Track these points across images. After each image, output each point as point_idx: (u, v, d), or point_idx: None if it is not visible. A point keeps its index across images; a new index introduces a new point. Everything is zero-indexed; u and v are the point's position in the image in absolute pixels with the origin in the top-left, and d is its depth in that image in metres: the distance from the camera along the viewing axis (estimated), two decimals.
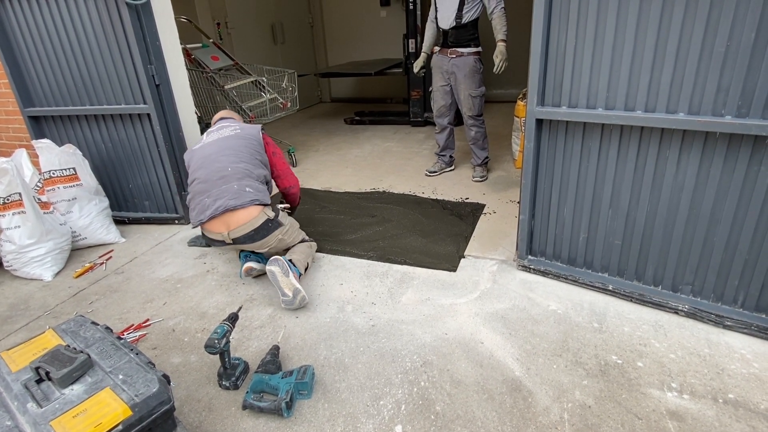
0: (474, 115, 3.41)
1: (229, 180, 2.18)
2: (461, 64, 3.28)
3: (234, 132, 2.35)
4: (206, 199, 2.17)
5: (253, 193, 2.17)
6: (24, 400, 1.24)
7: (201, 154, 2.30)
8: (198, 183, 2.23)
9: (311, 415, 1.58)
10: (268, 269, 2.09)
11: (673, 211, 1.86)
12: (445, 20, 3.24)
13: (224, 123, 2.49)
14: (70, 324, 1.56)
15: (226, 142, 2.30)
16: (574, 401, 1.58)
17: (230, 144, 2.29)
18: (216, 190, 2.17)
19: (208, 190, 2.19)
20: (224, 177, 2.18)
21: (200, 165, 2.26)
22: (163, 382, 1.30)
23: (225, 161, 2.23)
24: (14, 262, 2.56)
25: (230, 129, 2.37)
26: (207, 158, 2.26)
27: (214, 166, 2.22)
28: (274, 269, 2.08)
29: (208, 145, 2.33)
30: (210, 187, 2.18)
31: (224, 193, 2.15)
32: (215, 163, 2.22)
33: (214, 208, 2.14)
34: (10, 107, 3.30)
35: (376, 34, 6.77)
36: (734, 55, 1.55)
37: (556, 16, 1.86)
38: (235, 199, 2.13)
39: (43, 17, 2.82)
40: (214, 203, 2.14)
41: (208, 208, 2.15)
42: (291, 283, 2.06)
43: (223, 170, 2.20)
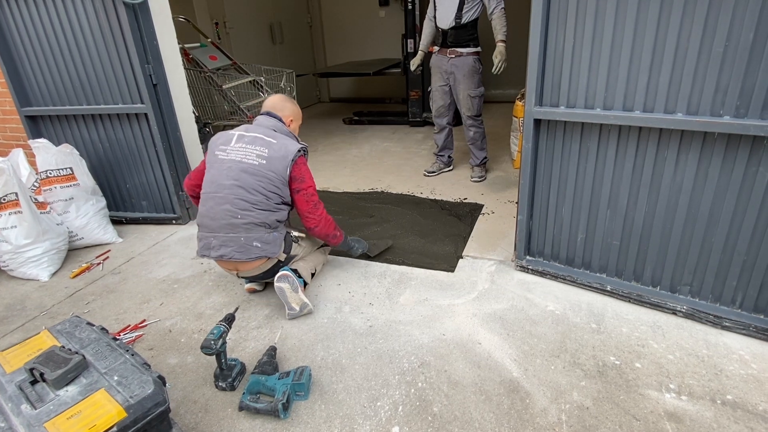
0: (473, 115, 3.41)
1: (237, 230, 1.99)
2: (460, 64, 3.27)
3: (258, 161, 2.00)
4: (212, 240, 2.03)
5: (260, 249, 2.01)
6: (18, 401, 1.23)
7: (217, 175, 2.02)
8: (205, 214, 2.05)
9: (308, 416, 1.58)
10: (277, 286, 2.01)
11: (672, 211, 1.85)
12: (445, 20, 3.23)
13: (264, 125, 2.11)
14: (65, 325, 1.56)
15: (243, 178, 1.98)
16: (572, 402, 1.57)
17: (246, 183, 1.98)
18: (222, 235, 2.01)
19: (214, 230, 2.02)
20: (232, 225, 1.99)
21: (212, 191, 2.02)
22: (159, 383, 1.29)
23: (235, 206, 1.98)
24: (11, 262, 2.55)
25: (257, 151, 2.01)
26: (220, 189, 2.00)
27: (224, 207, 1.98)
28: (283, 287, 2.01)
29: (227, 165, 2.01)
30: (216, 229, 2.02)
31: (230, 242, 2.00)
32: (225, 204, 1.98)
33: (220, 253, 2.02)
34: (7, 107, 3.28)
35: (374, 34, 6.77)
36: (733, 55, 1.55)
37: (554, 16, 1.85)
38: (241, 253, 2.00)
39: (40, 17, 2.81)
40: (219, 248, 2.02)
41: (214, 249, 2.03)
42: (299, 298, 2.03)
43: (232, 217, 1.98)
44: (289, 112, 2.21)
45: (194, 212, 3.21)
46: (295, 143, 2.08)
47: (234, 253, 2.00)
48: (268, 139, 2.04)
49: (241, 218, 1.98)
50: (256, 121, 2.15)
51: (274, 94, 2.42)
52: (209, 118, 4.20)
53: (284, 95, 2.30)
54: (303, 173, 2.07)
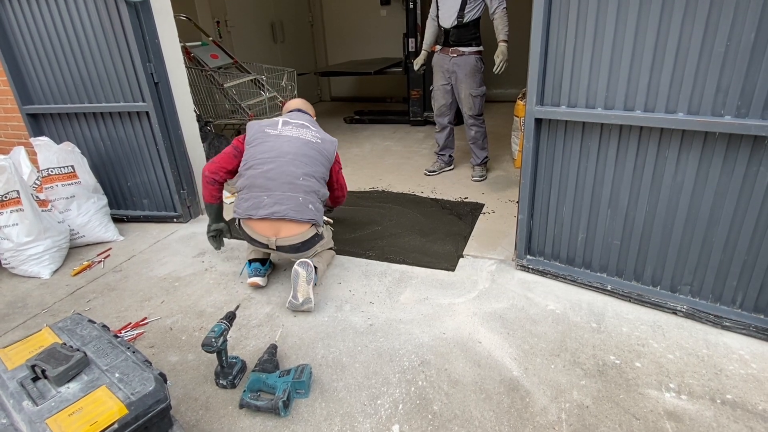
0: (474, 114, 3.41)
1: (297, 190, 2.11)
2: (462, 63, 3.27)
3: (315, 140, 2.24)
4: (265, 198, 2.09)
5: (313, 212, 2.14)
6: (20, 398, 1.24)
7: (277, 144, 2.17)
8: (261, 175, 2.11)
9: (308, 414, 1.58)
10: (296, 269, 2.04)
11: (672, 211, 1.85)
12: (447, 19, 3.23)
13: (302, 119, 2.33)
14: (66, 322, 1.56)
15: (306, 149, 2.19)
16: (572, 401, 1.58)
17: (309, 153, 2.19)
18: (280, 193, 2.09)
19: (270, 189, 2.09)
20: (293, 185, 2.11)
21: (272, 156, 2.13)
22: (160, 380, 1.30)
23: (299, 170, 2.14)
24: (12, 260, 2.56)
25: (311, 133, 2.25)
26: (282, 155, 2.14)
27: (287, 168, 2.12)
28: (300, 272, 2.04)
29: (286, 139, 2.19)
30: (274, 188, 2.09)
31: (288, 200, 2.09)
32: (289, 166, 2.12)
33: (272, 210, 2.07)
34: (9, 105, 3.29)
35: (376, 33, 6.76)
36: (734, 55, 1.55)
37: (556, 16, 1.86)
38: (296, 212, 2.09)
39: (42, 15, 2.81)
40: (273, 206, 2.07)
41: (264, 207, 2.08)
42: (308, 291, 2.05)
43: (294, 178, 2.12)
44: (313, 113, 2.56)
45: (195, 211, 3.22)
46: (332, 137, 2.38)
47: (289, 211, 2.09)
48: (313, 129, 2.30)
49: (302, 180, 2.14)
50: (291, 115, 2.36)
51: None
52: (210, 117, 4.20)
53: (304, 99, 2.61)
54: (339, 159, 2.46)
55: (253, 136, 2.21)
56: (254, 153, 2.17)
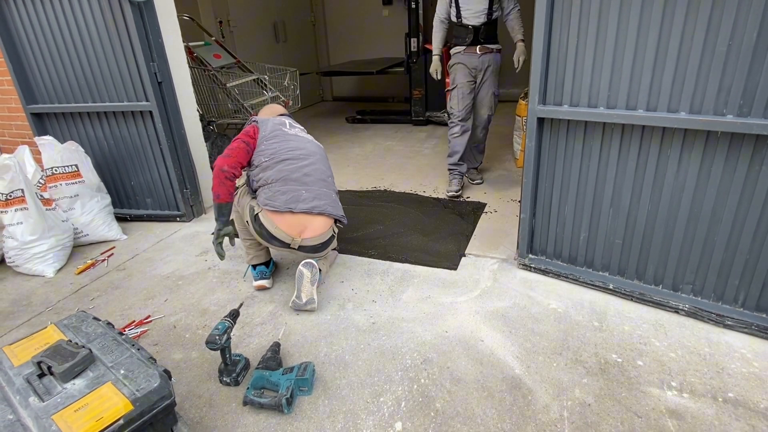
0: (490, 115, 3.38)
1: (330, 187, 2.22)
2: (491, 61, 3.23)
3: (317, 146, 2.33)
4: (304, 192, 2.08)
5: (340, 209, 2.23)
6: (26, 394, 1.25)
7: (302, 144, 2.22)
8: (298, 170, 2.12)
9: (311, 411, 1.59)
10: (300, 270, 2.05)
11: (674, 210, 1.86)
12: (476, 17, 3.14)
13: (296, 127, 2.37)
14: (71, 319, 1.57)
15: (321, 152, 2.30)
16: (574, 399, 1.58)
17: (324, 156, 2.32)
18: (317, 188, 2.13)
19: (308, 184, 2.11)
20: (326, 182, 2.20)
21: (304, 154, 2.17)
22: (164, 377, 1.31)
23: (328, 170, 2.27)
24: (16, 258, 2.57)
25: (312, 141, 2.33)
26: (311, 153, 2.21)
27: (319, 166, 2.20)
28: (305, 273, 2.04)
29: (306, 140, 2.28)
30: (311, 183, 2.13)
31: (324, 196, 2.14)
32: (320, 164, 2.22)
33: (312, 205, 2.07)
34: (13, 104, 3.31)
35: (378, 33, 6.77)
36: (736, 54, 1.55)
37: (558, 15, 1.86)
38: (333, 208, 2.17)
39: (47, 15, 2.83)
40: (312, 200, 2.08)
41: (305, 201, 2.07)
42: (311, 291, 2.06)
43: (326, 176, 2.23)
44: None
45: (198, 210, 3.23)
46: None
47: (327, 207, 2.14)
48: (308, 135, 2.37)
49: (330, 181, 2.26)
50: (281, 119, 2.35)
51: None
52: (213, 116, 4.21)
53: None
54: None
55: (271, 132, 2.20)
56: (280, 148, 2.15)
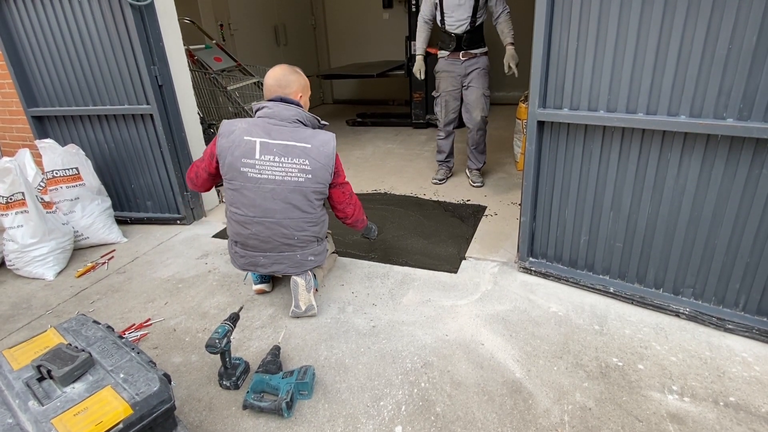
0: (485, 116, 3.39)
1: (293, 248, 1.99)
2: (476, 64, 3.26)
3: (305, 177, 1.87)
4: (261, 259, 2.03)
5: (314, 261, 2.07)
6: (25, 398, 1.24)
7: (258, 198, 1.88)
8: (252, 236, 1.96)
9: (311, 415, 1.59)
10: (294, 280, 2.04)
11: (675, 213, 1.86)
12: (458, 26, 3.19)
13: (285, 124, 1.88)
14: (71, 323, 1.57)
15: (294, 198, 1.89)
16: (575, 403, 1.58)
17: (298, 202, 1.90)
18: (276, 254, 2.01)
19: (264, 251, 2.00)
20: (288, 245, 1.98)
21: (258, 216, 1.90)
22: (164, 381, 1.30)
23: (291, 228, 1.94)
24: (17, 261, 2.57)
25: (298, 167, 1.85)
26: (269, 213, 1.90)
27: (278, 230, 1.93)
28: (299, 282, 2.03)
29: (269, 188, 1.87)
30: (269, 249, 2.00)
31: (284, 259, 2.02)
32: (281, 228, 1.93)
33: (271, 270, 2.05)
34: (14, 107, 3.32)
35: (378, 36, 6.79)
36: (736, 58, 1.56)
37: (558, 19, 1.86)
38: (296, 269, 2.05)
39: (47, 18, 2.83)
40: (271, 266, 2.04)
41: (262, 267, 2.05)
42: (309, 298, 2.05)
43: (288, 237, 1.96)
44: (297, 86, 1.99)
45: (198, 213, 3.23)
46: (327, 137, 1.92)
47: (288, 269, 2.04)
48: (301, 145, 1.85)
49: (297, 239, 1.98)
50: (270, 113, 1.89)
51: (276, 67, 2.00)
52: (214, 119, 4.22)
53: (284, 65, 2.02)
54: (339, 167, 2.00)
55: (227, 172, 1.90)
56: (234, 199, 1.92)
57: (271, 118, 1.90)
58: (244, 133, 1.87)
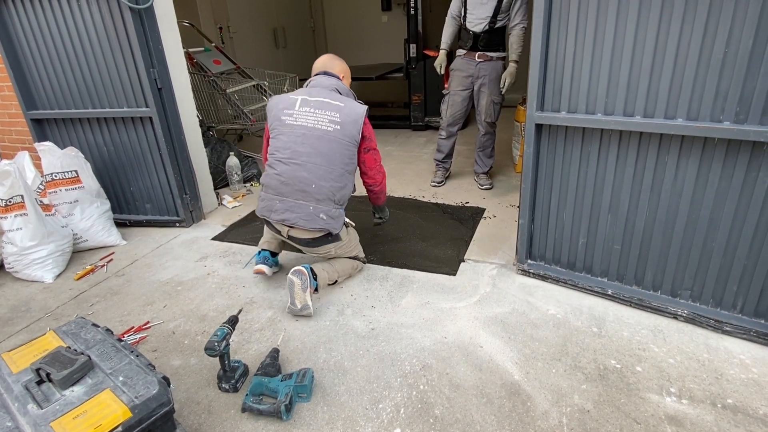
0: (492, 122, 3.36)
1: (308, 198, 2.07)
2: (489, 69, 3.20)
3: (333, 128, 2.05)
4: (277, 203, 2.10)
5: (325, 221, 2.10)
6: (24, 401, 1.25)
7: (291, 140, 2.07)
8: (275, 177, 2.10)
9: (310, 418, 1.59)
10: (290, 278, 2.04)
11: (672, 216, 1.86)
12: (478, 24, 3.13)
13: (325, 88, 2.14)
14: (70, 326, 1.57)
15: (321, 146, 2.05)
16: (573, 405, 1.58)
17: (324, 150, 2.06)
18: (291, 200, 2.08)
19: (283, 194, 2.09)
20: (305, 192, 2.07)
21: (286, 158, 2.07)
22: (163, 384, 1.31)
23: (313, 174, 2.06)
24: (15, 264, 2.57)
25: (330, 116, 2.06)
26: (295, 156, 2.06)
27: (299, 173, 2.06)
28: (294, 281, 2.03)
29: (301, 132, 2.06)
30: (287, 193, 2.08)
31: (298, 208, 2.08)
32: (302, 171, 2.05)
33: (283, 217, 2.09)
34: (13, 110, 3.32)
35: (377, 39, 6.81)
36: (732, 61, 1.57)
37: (556, 22, 1.87)
38: (306, 221, 2.08)
39: (47, 21, 2.84)
40: (284, 212, 2.09)
41: (276, 212, 2.11)
42: (304, 298, 2.04)
43: (307, 184, 2.06)
44: (340, 69, 2.30)
45: (197, 215, 3.23)
46: (360, 104, 2.15)
47: (299, 220, 2.08)
48: (335, 102, 2.09)
49: (315, 188, 2.07)
50: (314, 82, 2.19)
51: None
52: (213, 122, 4.23)
53: (330, 54, 2.36)
54: (371, 132, 2.18)
55: (271, 124, 2.15)
56: (272, 147, 2.14)
57: (314, 86, 2.19)
58: (290, 95, 2.19)
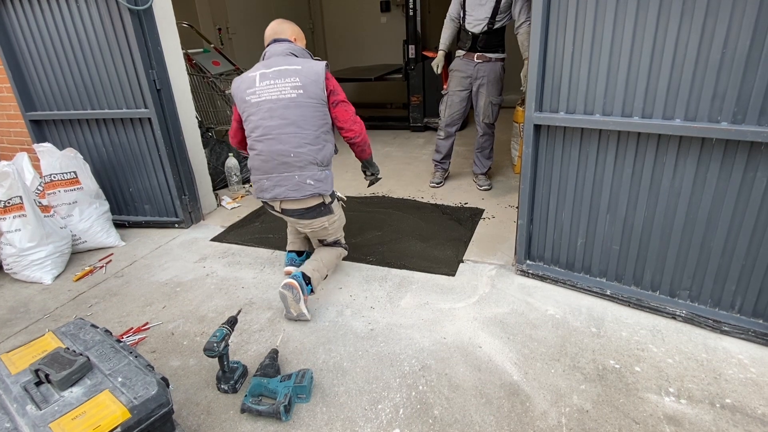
0: (490, 123, 3.36)
1: (291, 168, 2.06)
2: (488, 70, 3.21)
3: (296, 93, 2.02)
4: (265, 181, 2.12)
5: (314, 186, 2.08)
6: (23, 402, 1.25)
7: (259, 119, 2.05)
8: (256, 157, 2.11)
9: (309, 418, 1.59)
10: (281, 292, 2.04)
11: (671, 216, 1.87)
12: (476, 25, 3.13)
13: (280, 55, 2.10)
14: (69, 327, 1.57)
15: (289, 114, 2.02)
16: (572, 406, 1.58)
17: (293, 118, 2.03)
18: (276, 175, 2.08)
19: (267, 172, 2.10)
20: (286, 164, 2.06)
21: (259, 136, 2.06)
22: (162, 384, 1.31)
23: (288, 144, 2.04)
24: (14, 265, 2.57)
25: (290, 84, 2.02)
26: (267, 131, 2.04)
27: (276, 147, 2.04)
28: (286, 294, 2.03)
29: (267, 107, 2.03)
30: (270, 169, 2.09)
31: (284, 181, 2.07)
32: (277, 144, 2.04)
33: (273, 194, 2.10)
34: (12, 111, 3.31)
35: (376, 40, 6.81)
36: (730, 62, 1.57)
37: (554, 23, 1.88)
38: (295, 191, 2.07)
39: (46, 22, 2.84)
40: (273, 189, 2.10)
41: (266, 191, 2.12)
42: (299, 308, 2.04)
43: (285, 155, 2.04)
44: (291, 32, 2.23)
45: (196, 216, 3.23)
46: (318, 61, 2.11)
47: (288, 192, 2.07)
48: (293, 67, 2.05)
49: (294, 156, 2.05)
50: (268, 53, 2.15)
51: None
52: (212, 123, 4.23)
53: (278, 19, 2.28)
54: (335, 85, 2.14)
55: (239, 107, 2.14)
56: (247, 132, 2.14)
57: (269, 57, 2.14)
58: (249, 72, 2.13)
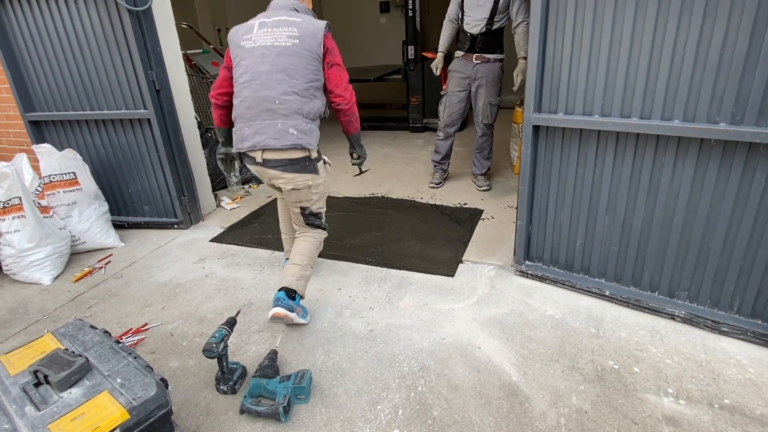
0: (488, 123, 3.37)
1: (274, 115, 1.97)
2: (486, 71, 3.22)
3: (292, 42, 1.97)
4: (246, 129, 2.00)
5: (296, 136, 1.97)
6: (22, 403, 1.25)
7: (250, 63, 2.00)
8: (241, 104, 2.02)
9: (308, 419, 1.59)
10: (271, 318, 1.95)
11: (669, 217, 1.87)
12: (475, 26, 3.15)
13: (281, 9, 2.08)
14: (68, 328, 1.57)
15: (281, 60, 1.96)
16: (571, 406, 1.58)
17: (284, 65, 1.96)
18: (258, 122, 1.98)
19: (250, 118, 2.00)
20: (270, 110, 1.97)
21: (247, 80, 1.99)
22: (161, 385, 1.31)
23: (275, 90, 1.96)
24: (13, 266, 2.57)
25: (288, 32, 1.98)
26: (256, 76, 1.98)
27: (262, 92, 1.97)
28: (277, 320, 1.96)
29: (260, 52, 1.98)
30: (253, 116, 1.99)
31: (266, 129, 1.97)
32: (263, 90, 1.97)
33: (253, 142, 1.98)
34: (11, 112, 3.31)
35: (375, 41, 6.81)
36: (728, 63, 1.57)
37: (553, 24, 1.88)
38: (276, 140, 1.96)
39: (45, 23, 2.84)
40: (253, 137, 1.98)
41: (246, 140, 2.00)
42: (293, 320, 1.98)
43: (270, 101, 1.96)
44: None
45: (196, 217, 3.23)
46: (319, 20, 2.07)
47: (269, 140, 1.96)
48: (292, 18, 2.01)
49: (279, 103, 1.97)
50: (272, 5, 2.12)
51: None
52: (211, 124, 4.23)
53: None
54: (333, 46, 2.09)
55: (232, 53, 2.06)
56: (235, 78, 2.06)
57: (272, 9, 2.10)
58: (249, 21, 2.09)
